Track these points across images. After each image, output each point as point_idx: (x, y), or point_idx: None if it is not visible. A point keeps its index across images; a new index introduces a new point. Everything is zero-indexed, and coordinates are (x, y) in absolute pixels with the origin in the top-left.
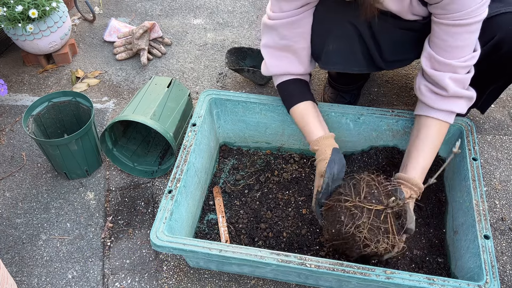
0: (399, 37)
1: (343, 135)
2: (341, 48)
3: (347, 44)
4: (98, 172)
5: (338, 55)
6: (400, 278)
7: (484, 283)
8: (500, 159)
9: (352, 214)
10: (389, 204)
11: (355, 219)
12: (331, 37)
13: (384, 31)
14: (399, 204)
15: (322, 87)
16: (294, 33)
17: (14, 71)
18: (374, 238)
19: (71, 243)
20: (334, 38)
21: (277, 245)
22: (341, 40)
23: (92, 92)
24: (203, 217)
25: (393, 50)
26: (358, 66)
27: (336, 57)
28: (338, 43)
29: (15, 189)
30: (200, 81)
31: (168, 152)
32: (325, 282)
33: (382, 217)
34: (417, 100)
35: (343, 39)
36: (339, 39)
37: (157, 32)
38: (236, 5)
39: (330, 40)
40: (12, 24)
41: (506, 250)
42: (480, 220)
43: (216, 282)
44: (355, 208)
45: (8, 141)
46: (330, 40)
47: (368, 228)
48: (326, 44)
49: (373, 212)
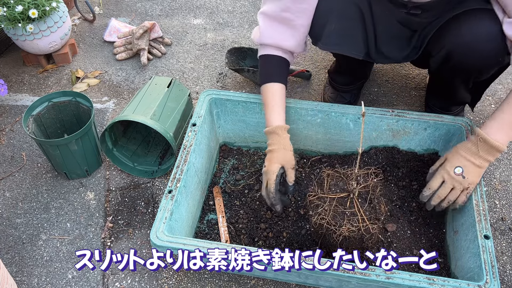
0: (395, 30)
1: (343, 135)
2: (344, 28)
3: (349, 25)
4: (98, 172)
5: (339, 36)
6: (400, 278)
7: (484, 283)
8: (500, 159)
9: (316, 205)
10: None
11: (318, 209)
12: (334, 16)
13: (383, 20)
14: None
15: (322, 87)
16: (298, 7)
17: (14, 71)
18: (337, 223)
19: (71, 243)
20: (337, 18)
21: (277, 245)
22: (343, 21)
23: (92, 92)
24: (203, 217)
25: (388, 41)
26: (356, 50)
27: (336, 38)
28: (340, 23)
29: (15, 189)
30: (200, 81)
31: (168, 152)
32: (325, 282)
33: (348, 203)
34: (417, 100)
35: (346, 19)
36: (342, 19)
37: (157, 32)
38: (236, 5)
39: (333, 19)
40: (12, 24)
41: (506, 250)
42: (480, 220)
43: (216, 282)
44: (318, 200)
45: (8, 141)
46: (333, 19)
47: (331, 215)
48: (329, 23)
49: (335, 200)
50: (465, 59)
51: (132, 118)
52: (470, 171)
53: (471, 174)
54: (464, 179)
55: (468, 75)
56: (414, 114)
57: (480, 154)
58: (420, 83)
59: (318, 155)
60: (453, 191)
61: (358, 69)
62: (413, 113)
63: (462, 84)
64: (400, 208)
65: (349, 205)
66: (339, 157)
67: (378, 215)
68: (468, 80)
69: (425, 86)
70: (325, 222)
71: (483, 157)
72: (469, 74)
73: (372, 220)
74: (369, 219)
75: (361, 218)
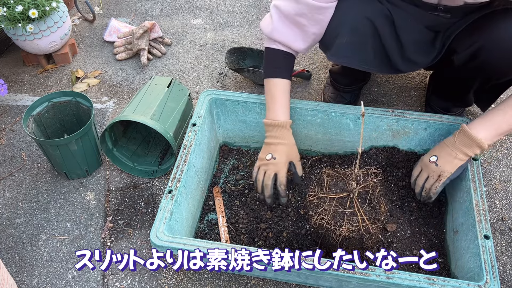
0: (421, 35)
1: (343, 135)
2: (354, 42)
3: (361, 40)
4: (98, 172)
5: (349, 49)
6: (400, 278)
7: (484, 283)
8: (500, 159)
9: (316, 205)
10: (352, 190)
11: (318, 209)
12: (346, 29)
13: (407, 28)
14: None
15: (322, 87)
16: (314, 17)
17: (14, 71)
18: (336, 223)
19: (71, 243)
20: (348, 32)
21: (277, 245)
22: (355, 35)
23: (92, 92)
24: (203, 217)
25: (415, 48)
26: (367, 64)
27: (346, 51)
28: (352, 37)
29: (15, 189)
30: (200, 81)
31: (168, 152)
32: (325, 282)
33: (348, 203)
34: (417, 100)
35: (357, 34)
36: (353, 33)
37: (157, 32)
38: (236, 5)
39: (344, 33)
40: (12, 24)
41: (506, 250)
42: (480, 220)
43: (216, 282)
44: (318, 200)
45: (8, 141)
46: (344, 33)
47: (331, 215)
48: (340, 36)
49: (335, 200)
50: (496, 56)
51: (132, 118)
52: (443, 160)
53: (444, 163)
54: (437, 167)
55: (492, 74)
56: (414, 114)
57: (456, 145)
58: (420, 83)
59: (318, 155)
60: (428, 179)
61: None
62: (413, 113)
63: (479, 83)
64: (400, 208)
65: (349, 205)
66: (339, 157)
67: (378, 215)
68: (490, 80)
69: (425, 86)
70: (325, 222)
71: (458, 148)
72: (493, 73)
73: (372, 220)
74: (369, 219)
75: (361, 218)
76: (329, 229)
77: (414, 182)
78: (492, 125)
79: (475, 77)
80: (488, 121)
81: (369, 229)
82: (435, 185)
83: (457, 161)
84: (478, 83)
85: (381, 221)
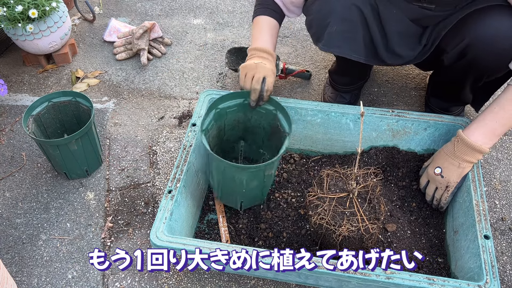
0: (406, 28)
1: (343, 135)
2: (344, 31)
3: (350, 28)
4: (98, 172)
5: (341, 38)
6: (400, 278)
7: (484, 283)
8: (500, 159)
9: (316, 205)
10: (352, 190)
11: (318, 209)
12: (335, 18)
13: (392, 19)
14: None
15: (322, 87)
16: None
17: (14, 71)
18: (336, 223)
19: (71, 243)
20: (338, 20)
21: (277, 245)
22: (344, 23)
23: (92, 92)
24: (203, 217)
25: (400, 41)
26: (357, 53)
27: (338, 40)
28: (341, 25)
29: (15, 189)
30: (200, 81)
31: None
32: (325, 282)
33: (348, 203)
34: (417, 100)
35: (346, 22)
36: (342, 22)
37: (157, 32)
38: (236, 5)
39: (334, 21)
40: (12, 24)
41: (506, 250)
42: (480, 220)
43: (216, 282)
44: (317, 200)
45: (8, 141)
46: (334, 21)
47: (331, 215)
48: (330, 25)
49: (335, 200)
50: (483, 53)
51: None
52: (448, 171)
53: (449, 174)
54: (443, 179)
55: (482, 72)
56: (414, 114)
57: (456, 154)
58: (420, 83)
59: (318, 155)
60: (437, 190)
61: (359, 69)
62: (413, 113)
63: (472, 82)
64: (400, 208)
65: (349, 205)
66: (339, 157)
67: (378, 215)
68: (481, 78)
69: (425, 86)
70: (324, 222)
71: (459, 156)
72: (483, 71)
73: (371, 220)
74: (369, 219)
75: (361, 218)
76: (329, 229)
77: (424, 191)
78: (489, 128)
79: (466, 76)
80: (484, 125)
81: (369, 229)
82: (445, 196)
83: (461, 170)
84: (471, 82)
85: (381, 221)
